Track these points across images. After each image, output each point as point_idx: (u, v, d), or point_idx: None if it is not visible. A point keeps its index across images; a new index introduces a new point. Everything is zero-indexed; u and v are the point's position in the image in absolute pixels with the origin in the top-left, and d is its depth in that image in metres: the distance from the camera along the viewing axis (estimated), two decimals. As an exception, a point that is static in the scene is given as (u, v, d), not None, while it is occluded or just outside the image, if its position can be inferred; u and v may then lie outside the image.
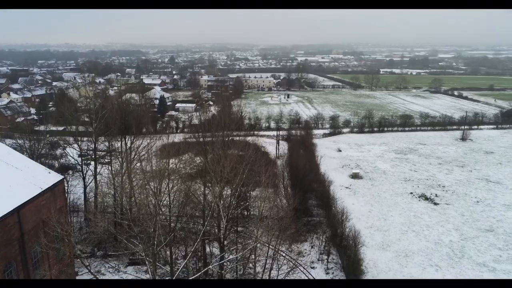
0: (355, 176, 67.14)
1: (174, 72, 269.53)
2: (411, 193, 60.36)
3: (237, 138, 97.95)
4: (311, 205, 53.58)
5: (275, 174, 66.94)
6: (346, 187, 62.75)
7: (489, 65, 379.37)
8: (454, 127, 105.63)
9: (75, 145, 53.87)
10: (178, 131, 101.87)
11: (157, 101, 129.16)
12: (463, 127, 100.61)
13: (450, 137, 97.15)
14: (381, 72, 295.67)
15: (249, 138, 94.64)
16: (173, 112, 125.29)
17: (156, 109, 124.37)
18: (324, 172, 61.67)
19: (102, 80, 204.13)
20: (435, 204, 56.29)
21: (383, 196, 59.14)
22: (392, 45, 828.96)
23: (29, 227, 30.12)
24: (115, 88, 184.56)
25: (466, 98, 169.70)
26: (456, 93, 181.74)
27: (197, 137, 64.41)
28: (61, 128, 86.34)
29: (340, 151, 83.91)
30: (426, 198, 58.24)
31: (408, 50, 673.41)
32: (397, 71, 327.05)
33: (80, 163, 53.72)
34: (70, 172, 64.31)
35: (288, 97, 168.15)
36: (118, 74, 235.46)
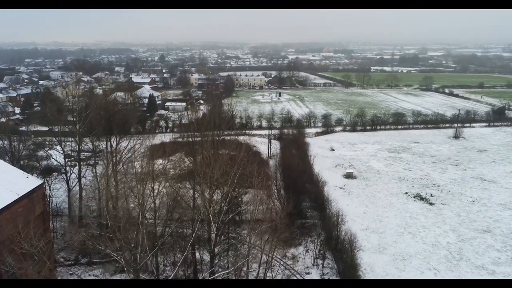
0: (349, 176, 65.80)
1: (164, 71, 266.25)
2: (406, 193, 59.20)
3: (228, 137, 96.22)
4: (305, 207, 52.03)
5: (268, 174, 65.37)
6: (340, 188, 61.36)
7: (478, 63, 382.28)
8: (447, 125, 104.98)
9: (59, 147, 51.69)
10: (168, 130, 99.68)
11: (146, 100, 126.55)
12: (455, 125, 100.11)
13: (443, 135, 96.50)
14: (371, 70, 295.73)
15: (240, 138, 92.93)
16: (162, 111, 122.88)
17: (145, 108, 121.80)
18: (318, 172, 60.16)
19: (90, 79, 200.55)
20: (431, 204, 55.18)
21: (378, 196, 57.88)
22: (382, 43, 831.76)
23: (4, 236, 28.06)
24: (104, 87, 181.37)
25: (457, 96, 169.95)
26: (447, 91, 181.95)
27: (186, 137, 62.65)
28: (46, 129, 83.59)
29: (333, 150, 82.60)
30: (422, 198, 57.11)
31: (398, 48, 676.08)
32: (387, 69, 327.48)
33: (63, 165, 51.47)
34: (55, 174, 61.91)
35: (279, 95, 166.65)
36: (107, 72, 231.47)
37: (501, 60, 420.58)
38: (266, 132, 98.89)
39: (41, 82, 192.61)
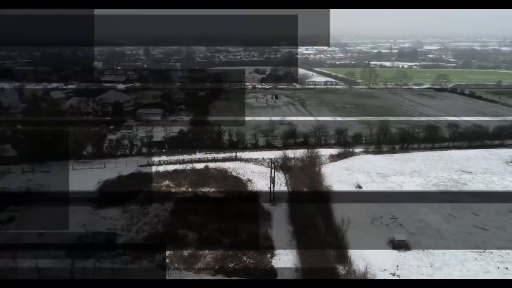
0: (399, 246, 42.16)
1: (145, 66, 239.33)
2: (504, 286, 35.93)
3: (214, 164, 71.98)
4: None
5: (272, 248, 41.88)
6: (392, 274, 37.81)
7: (479, 58, 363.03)
8: (496, 142, 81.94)
9: None
10: (134, 152, 74.71)
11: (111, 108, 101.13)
12: (508, 142, 77.45)
13: (497, 158, 73.38)
14: (371, 65, 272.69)
15: (229, 165, 68.89)
16: (132, 122, 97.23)
17: (109, 118, 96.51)
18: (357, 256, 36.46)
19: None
20: (559, 317, 32.01)
21: (461, 296, 34.47)
22: (374, 37, 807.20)
23: None
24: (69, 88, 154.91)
25: (480, 98, 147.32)
26: (466, 91, 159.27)
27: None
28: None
29: (361, 187, 58.87)
30: (536, 301, 33.90)
31: (391, 41, 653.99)
32: (387, 64, 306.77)
33: None
34: None
35: (276, 98, 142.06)
36: (77, 69, 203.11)
37: (501, 55, 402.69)
38: (264, 154, 75.14)
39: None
